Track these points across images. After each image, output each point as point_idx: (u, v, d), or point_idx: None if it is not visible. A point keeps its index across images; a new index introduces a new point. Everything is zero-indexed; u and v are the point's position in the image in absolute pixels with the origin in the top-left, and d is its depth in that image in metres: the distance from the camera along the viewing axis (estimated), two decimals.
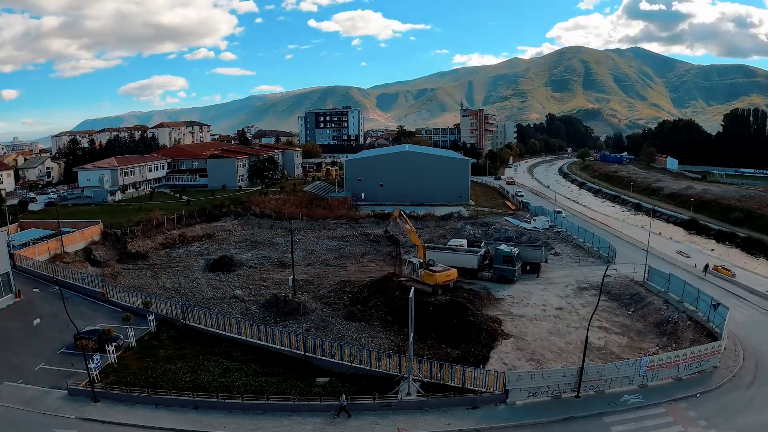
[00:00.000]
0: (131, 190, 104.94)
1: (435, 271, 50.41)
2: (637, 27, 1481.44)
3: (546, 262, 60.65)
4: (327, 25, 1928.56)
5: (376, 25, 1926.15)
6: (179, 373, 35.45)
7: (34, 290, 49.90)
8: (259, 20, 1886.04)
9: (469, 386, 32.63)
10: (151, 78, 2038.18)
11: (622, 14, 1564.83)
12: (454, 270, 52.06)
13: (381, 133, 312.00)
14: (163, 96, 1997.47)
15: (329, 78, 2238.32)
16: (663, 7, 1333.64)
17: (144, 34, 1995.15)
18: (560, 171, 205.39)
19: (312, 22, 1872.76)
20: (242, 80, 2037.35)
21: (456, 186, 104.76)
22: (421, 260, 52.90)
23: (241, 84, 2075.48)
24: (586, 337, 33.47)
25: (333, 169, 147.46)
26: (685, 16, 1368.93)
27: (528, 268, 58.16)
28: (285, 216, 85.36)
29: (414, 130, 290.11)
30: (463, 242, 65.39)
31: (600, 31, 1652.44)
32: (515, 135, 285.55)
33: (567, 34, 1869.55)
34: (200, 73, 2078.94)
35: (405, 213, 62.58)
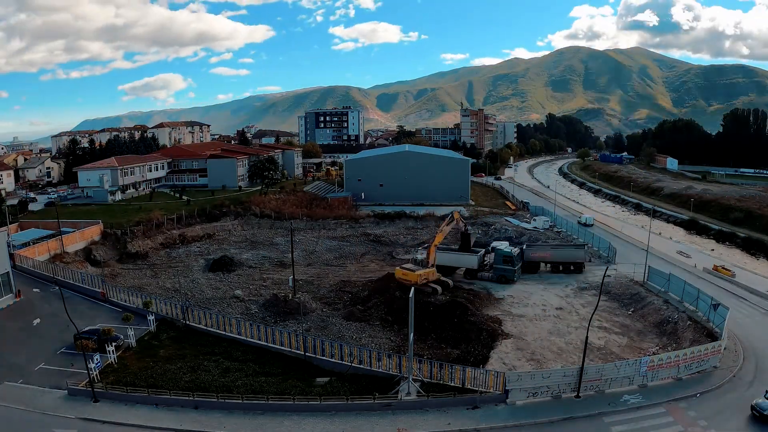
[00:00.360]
0: (131, 190, 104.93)
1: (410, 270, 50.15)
2: (632, 37, 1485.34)
3: (590, 261, 59.61)
4: (347, 33, 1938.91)
5: (393, 35, 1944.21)
6: (179, 373, 35.46)
7: (34, 290, 49.89)
8: (281, 33, 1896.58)
9: (469, 386, 32.63)
10: (154, 77, 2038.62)
11: (617, 26, 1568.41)
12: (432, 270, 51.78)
13: (381, 133, 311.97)
14: (165, 96, 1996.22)
15: (329, 78, 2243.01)
16: (656, 21, 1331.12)
17: (178, 40, 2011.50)
18: (560, 171, 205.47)
19: (338, 30, 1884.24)
20: (244, 80, 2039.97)
21: (456, 186, 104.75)
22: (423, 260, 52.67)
23: (243, 84, 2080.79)
24: (586, 337, 33.46)
25: (333, 169, 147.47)
26: (678, 28, 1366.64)
27: (572, 267, 58.18)
28: (285, 216, 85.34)
29: (414, 130, 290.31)
30: (505, 244, 63.22)
31: (600, 33, 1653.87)
32: (515, 135, 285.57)
33: (566, 41, 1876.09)
34: (205, 74, 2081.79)
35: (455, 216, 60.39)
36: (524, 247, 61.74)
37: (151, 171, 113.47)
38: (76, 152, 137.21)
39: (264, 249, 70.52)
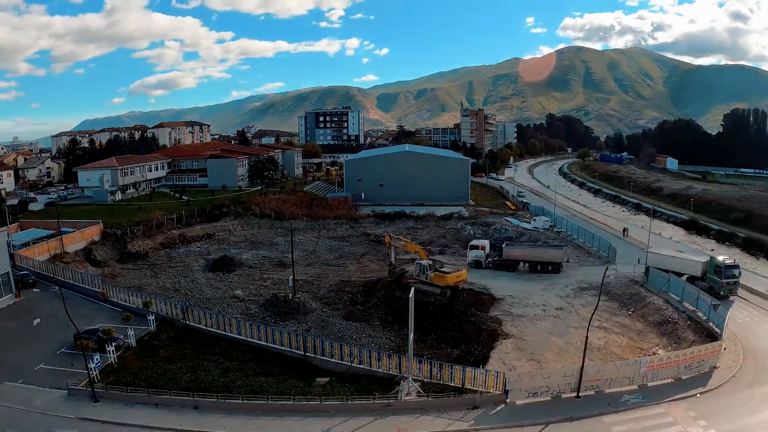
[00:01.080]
0: (131, 190, 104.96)
1: (445, 273, 49.14)
2: (633, 37, 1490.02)
3: (567, 261, 59.69)
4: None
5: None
6: (179, 373, 35.44)
7: (34, 290, 49.91)
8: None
9: (469, 386, 32.62)
10: (154, 76, 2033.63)
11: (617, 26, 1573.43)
12: (464, 270, 51.53)
13: (381, 133, 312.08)
14: (165, 96, 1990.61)
15: (329, 78, 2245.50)
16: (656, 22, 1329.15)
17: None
18: (560, 171, 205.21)
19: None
20: (244, 81, 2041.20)
21: (456, 186, 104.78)
22: (429, 261, 52.35)
23: (244, 84, 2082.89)
24: (586, 337, 33.41)
25: (333, 169, 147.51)
26: (678, 29, 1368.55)
27: (549, 268, 58.15)
28: (285, 216, 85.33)
29: (414, 130, 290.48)
30: (485, 243, 63.52)
31: (600, 34, 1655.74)
32: (515, 135, 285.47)
33: (566, 42, 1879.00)
34: (206, 73, 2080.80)
35: (393, 233, 61.07)
36: (503, 245, 61.84)
37: (151, 171, 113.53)
38: (76, 152, 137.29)
39: (264, 249, 70.49)
